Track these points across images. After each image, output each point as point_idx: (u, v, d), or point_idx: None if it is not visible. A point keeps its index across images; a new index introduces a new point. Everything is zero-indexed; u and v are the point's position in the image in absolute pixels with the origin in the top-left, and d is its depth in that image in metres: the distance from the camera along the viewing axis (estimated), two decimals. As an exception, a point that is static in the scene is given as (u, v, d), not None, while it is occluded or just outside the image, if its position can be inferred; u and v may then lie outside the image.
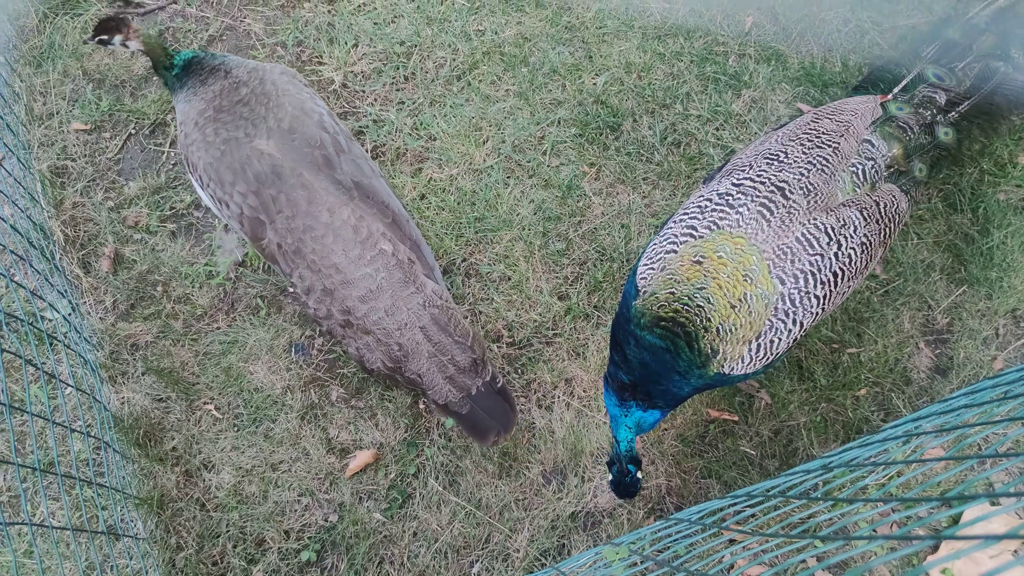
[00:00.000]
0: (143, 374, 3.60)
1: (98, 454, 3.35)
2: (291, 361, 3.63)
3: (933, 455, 3.31)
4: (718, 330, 2.57)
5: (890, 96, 3.19)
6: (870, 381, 3.59)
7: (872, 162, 2.90)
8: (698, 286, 2.59)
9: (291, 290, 3.03)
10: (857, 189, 2.83)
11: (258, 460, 3.47)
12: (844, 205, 2.75)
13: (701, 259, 2.63)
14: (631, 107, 4.03)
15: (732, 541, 3.18)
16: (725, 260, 2.60)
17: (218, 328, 3.69)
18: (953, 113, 3.15)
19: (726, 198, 2.73)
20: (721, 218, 2.69)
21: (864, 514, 1.53)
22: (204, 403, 3.57)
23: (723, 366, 2.63)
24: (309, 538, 3.37)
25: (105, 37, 3.28)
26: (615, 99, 4.04)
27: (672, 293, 2.61)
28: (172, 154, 3.99)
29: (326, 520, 3.40)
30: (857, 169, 2.86)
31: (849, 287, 2.78)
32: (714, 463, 3.47)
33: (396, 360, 3.02)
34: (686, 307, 2.58)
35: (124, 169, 3.97)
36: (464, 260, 3.77)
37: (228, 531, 3.37)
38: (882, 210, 2.82)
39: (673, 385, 2.68)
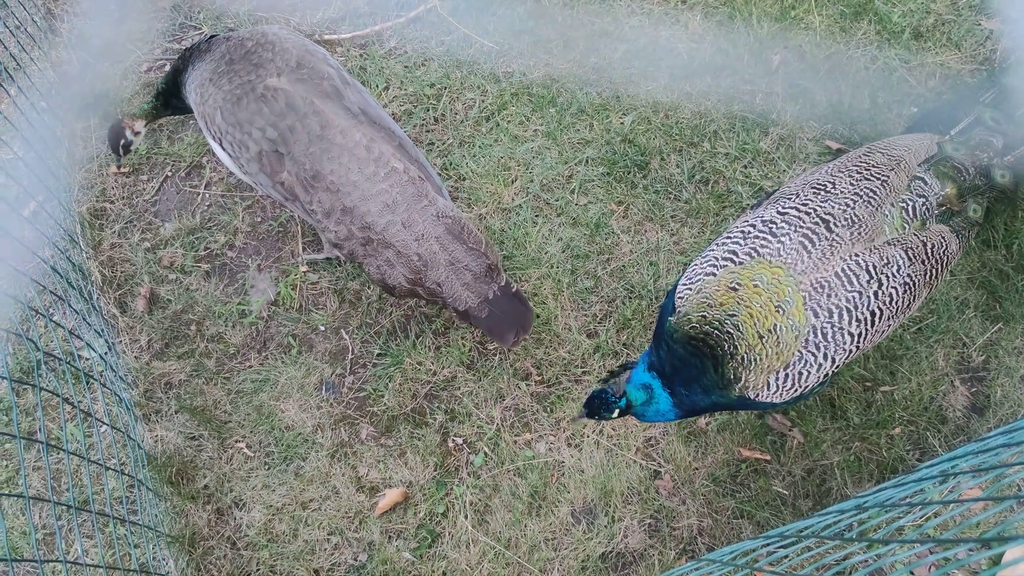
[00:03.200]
0: (176, 412, 3.64)
1: (131, 492, 3.38)
2: (322, 399, 3.65)
3: (970, 495, 3.25)
4: (743, 358, 2.64)
5: (947, 137, 3.14)
6: (904, 420, 3.54)
7: (923, 199, 2.87)
8: (729, 313, 2.65)
9: (313, 218, 3.26)
10: (906, 226, 2.82)
11: (288, 498, 3.49)
12: (889, 244, 2.75)
13: (737, 286, 2.68)
14: (659, 145, 4.05)
15: (766, 583, 3.13)
16: (760, 289, 2.65)
17: (250, 366, 3.73)
18: (1010, 156, 3.10)
19: (769, 226, 2.77)
20: (763, 246, 2.73)
21: (900, 555, 1.51)
22: (236, 441, 3.60)
23: (746, 392, 2.69)
24: (338, 577, 3.37)
25: (124, 141, 3.63)
26: (643, 138, 4.07)
27: (704, 317, 2.68)
28: (207, 195, 4.07)
29: (356, 559, 3.40)
30: (907, 205, 2.84)
31: (889, 326, 2.77)
32: (746, 503, 3.42)
33: (417, 271, 3.17)
34: (716, 331, 2.65)
35: (160, 211, 4.06)
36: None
37: (258, 570, 3.38)
38: (928, 250, 2.80)
39: (695, 395, 2.77)
